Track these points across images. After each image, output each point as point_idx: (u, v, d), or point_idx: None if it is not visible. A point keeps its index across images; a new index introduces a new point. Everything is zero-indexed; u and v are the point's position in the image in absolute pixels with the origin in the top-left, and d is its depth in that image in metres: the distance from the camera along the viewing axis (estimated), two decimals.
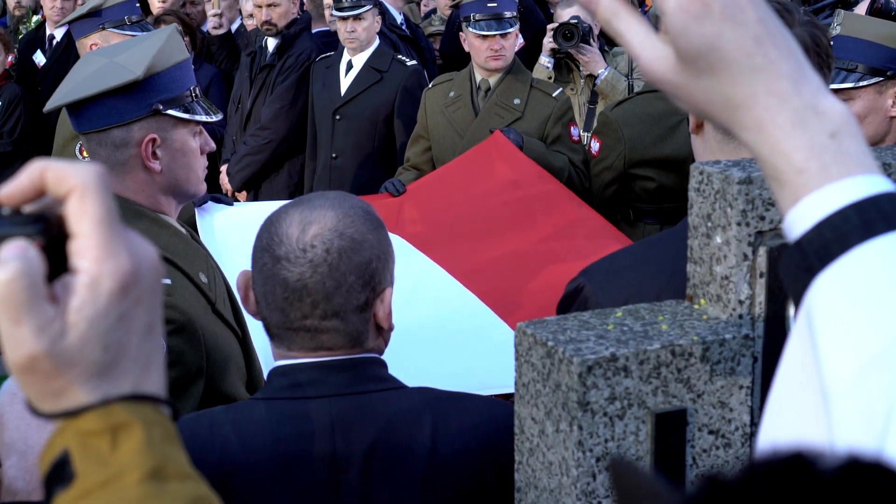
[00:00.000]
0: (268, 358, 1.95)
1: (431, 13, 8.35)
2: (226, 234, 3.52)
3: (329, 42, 6.23)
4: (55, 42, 7.29)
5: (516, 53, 5.07)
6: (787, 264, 0.92)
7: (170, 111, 2.49)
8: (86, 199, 0.83)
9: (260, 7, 6.05)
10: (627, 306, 1.63)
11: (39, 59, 7.36)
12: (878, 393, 0.81)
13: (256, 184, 6.10)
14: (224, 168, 6.14)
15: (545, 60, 5.53)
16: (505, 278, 3.81)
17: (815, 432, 0.85)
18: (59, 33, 7.18)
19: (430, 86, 5.21)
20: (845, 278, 0.87)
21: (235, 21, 7.48)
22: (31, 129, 6.70)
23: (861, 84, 3.31)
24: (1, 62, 6.81)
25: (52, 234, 0.83)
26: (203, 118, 2.55)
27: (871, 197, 0.88)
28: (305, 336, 1.78)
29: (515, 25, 4.94)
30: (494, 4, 4.92)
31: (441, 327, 3.53)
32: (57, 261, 0.83)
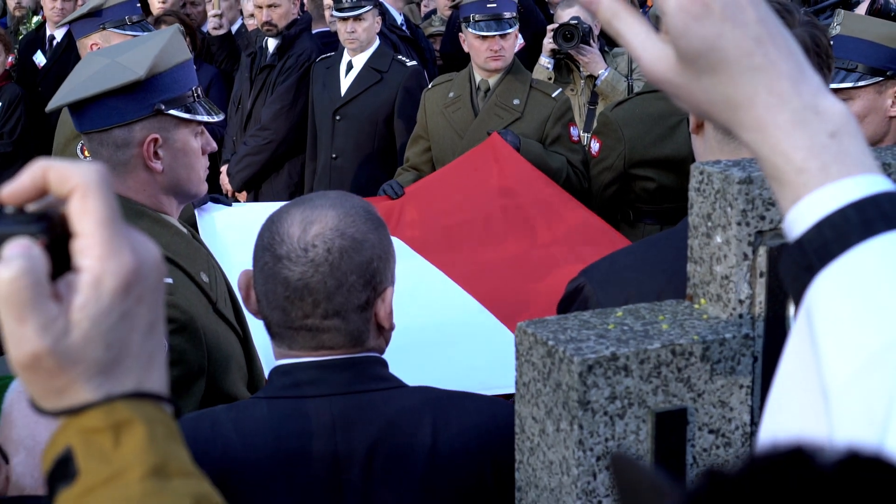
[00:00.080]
0: (269, 357, 1.96)
1: (431, 14, 8.35)
2: (227, 233, 3.52)
3: (329, 42, 6.23)
4: (55, 43, 7.29)
5: (516, 54, 5.07)
6: (788, 263, 0.92)
7: (172, 111, 2.49)
8: (88, 198, 0.83)
9: (260, 8, 6.05)
10: (628, 306, 1.64)
11: (40, 59, 7.35)
12: (877, 391, 0.81)
13: (256, 184, 6.10)
14: (224, 168, 6.14)
15: (545, 61, 5.53)
16: (504, 283, 3.80)
17: (816, 430, 0.86)
18: (60, 34, 7.17)
19: (429, 86, 5.20)
20: (845, 277, 0.87)
21: (236, 22, 7.48)
22: (32, 130, 6.70)
23: (861, 84, 3.31)
24: (1, 63, 6.81)
25: (55, 233, 0.84)
26: (205, 118, 2.55)
27: (870, 196, 0.89)
28: (307, 335, 1.78)
29: (515, 26, 4.94)
30: (494, 5, 4.91)
31: (440, 330, 3.52)
32: (60, 259, 0.83)
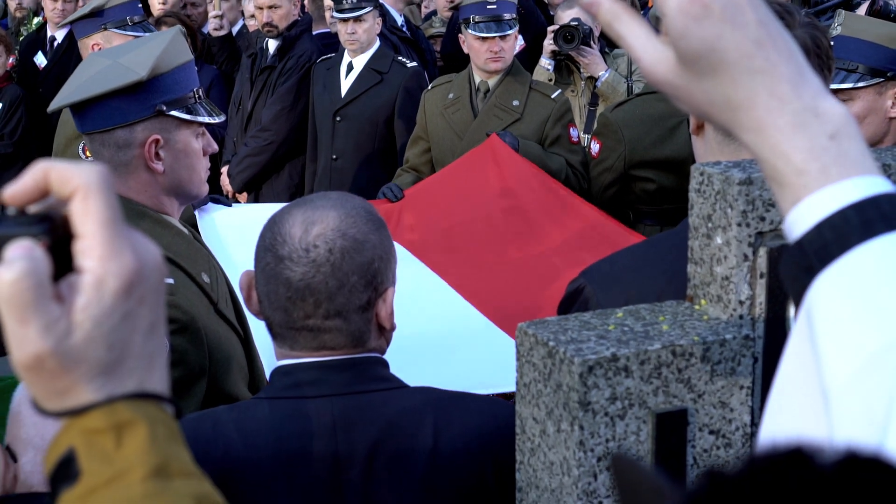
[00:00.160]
0: (270, 357, 1.96)
1: (432, 15, 8.34)
2: (227, 233, 3.52)
3: (330, 44, 6.23)
4: (56, 44, 7.29)
5: (517, 55, 5.07)
6: (788, 264, 0.92)
7: (173, 112, 2.49)
8: (89, 199, 0.84)
9: (261, 9, 6.05)
10: (628, 307, 1.64)
11: (40, 60, 7.35)
12: (877, 392, 0.82)
13: (257, 185, 6.11)
14: (225, 169, 6.14)
15: (546, 62, 5.53)
16: (503, 286, 3.80)
17: (816, 431, 0.86)
18: (60, 35, 7.18)
19: (429, 87, 5.20)
20: (845, 278, 0.87)
21: (237, 23, 7.48)
22: (32, 131, 6.70)
23: (861, 84, 3.31)
24: (2, 64, 6.81)
25: (57, 234, 0.84)
26: (206, 119, 2.55)
27: (870, 198, 0.89)
28: (308, 336, 1.79)
29: (515, 27, 4.94)
30: (494, 6, 4.92)
31: (438, 334, 3.52)
32: (62, 260, 0.84)
